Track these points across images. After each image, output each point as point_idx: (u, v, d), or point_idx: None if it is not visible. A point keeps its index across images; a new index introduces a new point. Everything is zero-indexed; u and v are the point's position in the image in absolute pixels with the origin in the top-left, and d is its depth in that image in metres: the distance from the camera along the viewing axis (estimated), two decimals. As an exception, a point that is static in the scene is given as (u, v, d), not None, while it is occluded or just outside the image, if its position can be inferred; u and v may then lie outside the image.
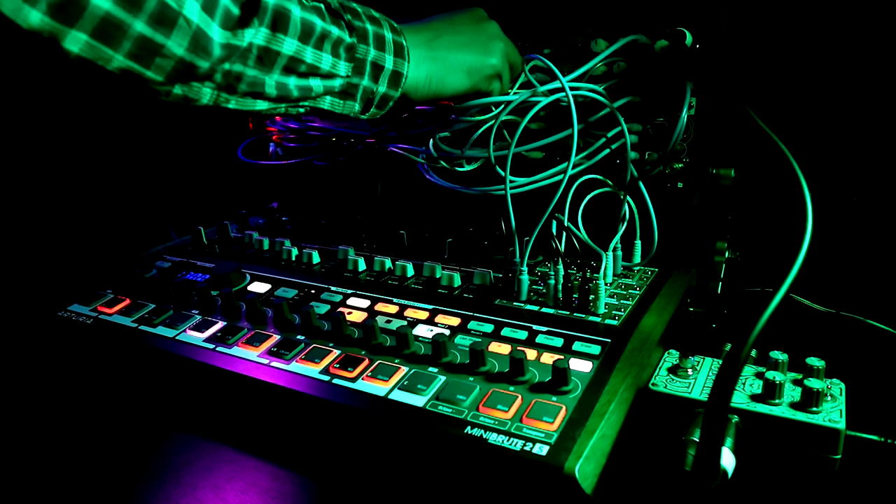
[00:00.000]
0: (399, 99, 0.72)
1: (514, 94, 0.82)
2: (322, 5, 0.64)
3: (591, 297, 0.73)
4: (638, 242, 0.85)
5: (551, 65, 0.77)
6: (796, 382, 0.62)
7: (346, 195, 1.10)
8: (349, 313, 0.76)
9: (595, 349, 0.66)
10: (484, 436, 0.55)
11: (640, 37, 0.81)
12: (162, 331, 0.75)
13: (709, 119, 0.82)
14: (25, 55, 0.51)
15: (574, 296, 0.74)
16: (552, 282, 0.76)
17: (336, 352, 0.68)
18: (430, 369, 0.65)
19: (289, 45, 0.61)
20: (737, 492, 0.58)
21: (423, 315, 0.75)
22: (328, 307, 0.78)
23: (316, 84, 0.66)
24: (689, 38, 0.79)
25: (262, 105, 0.65)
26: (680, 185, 0.85)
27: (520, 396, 0.59)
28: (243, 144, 1.10)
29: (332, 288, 0.83)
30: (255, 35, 0.59)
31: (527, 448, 0.54)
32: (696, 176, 0.84)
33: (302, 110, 0.69)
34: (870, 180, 0.98)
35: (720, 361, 0.67)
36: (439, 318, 0.74)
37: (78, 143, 1.13)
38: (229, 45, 0.57)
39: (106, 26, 0.50)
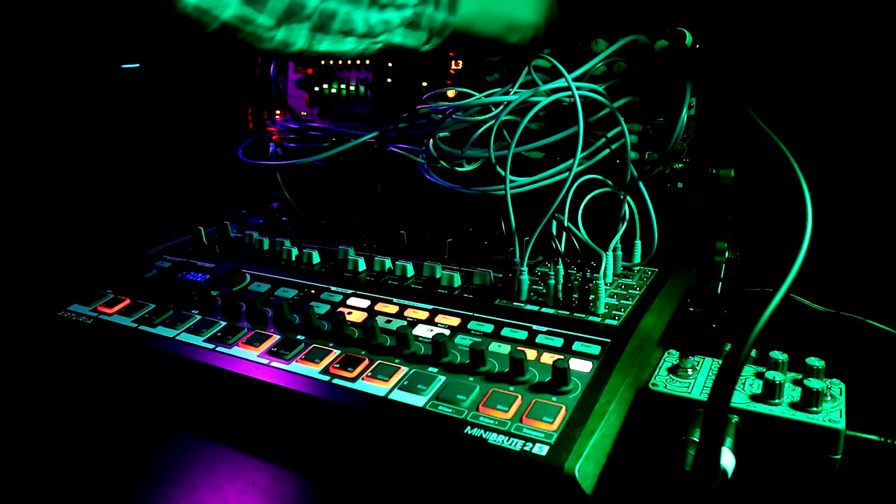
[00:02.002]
0: (454, 28, 0.74)
1: (515, 93, 0.82)
2: None
3: (591, 297, 0.73)
4: (638, 242, 0.85)
5: (556, 63, 0.78)
6: (796, 382, 0.62)
7: (346, 195, 1.10)
8: (349, 313, 0.76)
9: (595, 349, 0.66)
10: (484, 436, 0.55)
11: (640, 37, 0.81)
12: (162, 331, 0.75)
13: (709, 119, 0.82)
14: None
15: (574, 296, 0.74)
16: (552, 282, 0.76)
17: (336, 352, 0.68)
18: (430, 369, 0.65)
19: None
20: (737, 492, 0.58)
21: (423, 315, 0.75)
22: (328, 307, 0.78)
23: (394, 16, 0.70)
24: (689, 38, 0.79)
25: (349, 45, 0.69)
26: (680, 185, 0.85)
27: (520, 396, 0.59)
28: (243, 144, 1.10)
29: (332, 288, 0.83)
30: None
31: (527, 448, 0.54)
32: (696, 176, 0.84)
33: (379, 45, 0.72)
34: (870, 180, 0.98)
35: (720, 361, 0.67)
36: (439, 318, 0.74)
37: (78, 144, 1.13)
38: None
39: None
